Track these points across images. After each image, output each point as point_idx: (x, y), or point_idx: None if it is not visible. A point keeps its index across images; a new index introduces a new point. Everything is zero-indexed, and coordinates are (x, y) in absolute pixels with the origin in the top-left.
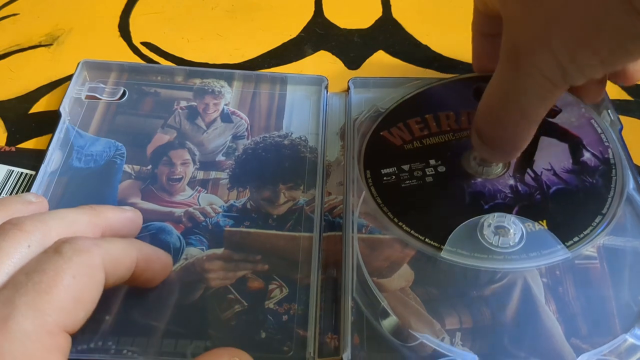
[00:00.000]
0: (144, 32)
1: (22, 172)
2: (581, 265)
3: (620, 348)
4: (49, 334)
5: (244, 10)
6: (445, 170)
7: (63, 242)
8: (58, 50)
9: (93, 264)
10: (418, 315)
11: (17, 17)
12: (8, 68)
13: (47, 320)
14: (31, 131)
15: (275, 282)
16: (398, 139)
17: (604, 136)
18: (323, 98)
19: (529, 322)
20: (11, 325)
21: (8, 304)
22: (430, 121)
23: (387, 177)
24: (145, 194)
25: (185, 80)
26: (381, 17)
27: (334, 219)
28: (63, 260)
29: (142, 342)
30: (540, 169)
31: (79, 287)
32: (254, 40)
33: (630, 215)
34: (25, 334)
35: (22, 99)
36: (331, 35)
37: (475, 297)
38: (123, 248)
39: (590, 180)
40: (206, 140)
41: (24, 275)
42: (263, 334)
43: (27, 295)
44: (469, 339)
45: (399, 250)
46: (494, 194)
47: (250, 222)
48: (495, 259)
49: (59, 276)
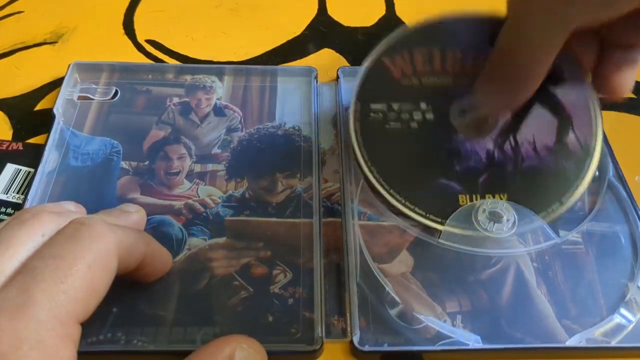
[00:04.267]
0: (148, 30)
1: (29, 171)
2: (568, 250)
3: (608, 328)
4: (62, 324)
5: (248, 8)
6: (432, 118)
7: (80, 223)
8: (63, 48)
9: (108, 252)
10: (420, 300)
11: (21, 15)
12: (13, 65)
13: (61, 310)
14: (36, 128)
15: (279, 267)
16: (398, 70)
17: (594, 122)
18: (313, 88)
19: (523, 304)
20: (27, 313)
21: (24, 291)
22: (435, 56)
23: (375, 113)
24: (144, 188)
25: (176, 77)
26: (385, 15)
27: (332, 205)
28: (79, 247)
29: (151, 331)
30: (522, 138)
31: (94, 276)
32: (258, 38)
33: (611, 202)
34: (40, 322)
35: (27, 96)
36: (335, 33)
37: (472, 281)
38: (135, 238)
39: (564, 164)
40: (201, 134)
41: (40, 260)
42: (270, 317)
43: (43, 282)
44: (469, 322)
45: (397, 236)
46: (468, 156)
47: (250, 211)
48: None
49: (75, 264)
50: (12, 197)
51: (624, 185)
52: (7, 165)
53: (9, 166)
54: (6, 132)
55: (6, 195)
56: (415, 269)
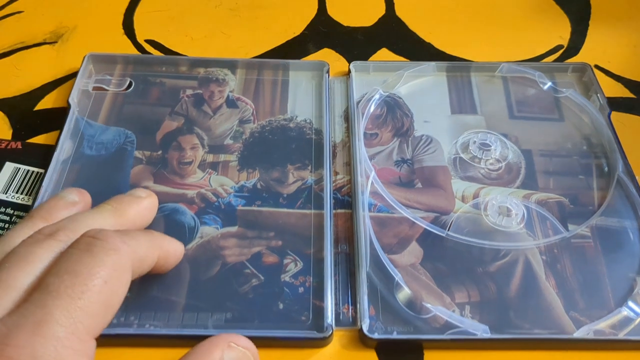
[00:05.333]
0: (148, 29)
1: (28, 169)
2: (577, 244)
3: (616, 320)
4: (80, 341)
5: (248, 8)
6: None
7: (93, 237)
8: (62, 48)
9: (123, 266)
10: (429, 290)
11: (21, 15)
12: (13, 65)
13: (78, 327)
14: (36, 128)
15: (290, 256)
16: None
17: None
18: (325, 82)
19: (531, 296)
20: (45, 330)
21: (41, 308)
22: None
23: None
24: (157, 177)
25: (189, 70)
26: (384, 15)
27: (342, 197)
28: (95, 262)
29: (163, 316)
30: None
31: (109, 292)
32: (257, 38)
33: (620, 197)
34: (58, 339)
35: (27, 96)
36: (335, 33)
37: (481, 273)
38: (147, 247)
39: None
40: (213, 125)
41: (56, 276)
42: (281, 305)
43: (59, 299)
44: (477, 312)
45: (407, 227)
46: None
47: (261, 202)
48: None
49: (90, 280)
50: (11, 197)
51: (634, 181)
52: (6, 164)
53: (7, 165)
54: (6, 132)
55: (5, 195)
56: (424, 260)
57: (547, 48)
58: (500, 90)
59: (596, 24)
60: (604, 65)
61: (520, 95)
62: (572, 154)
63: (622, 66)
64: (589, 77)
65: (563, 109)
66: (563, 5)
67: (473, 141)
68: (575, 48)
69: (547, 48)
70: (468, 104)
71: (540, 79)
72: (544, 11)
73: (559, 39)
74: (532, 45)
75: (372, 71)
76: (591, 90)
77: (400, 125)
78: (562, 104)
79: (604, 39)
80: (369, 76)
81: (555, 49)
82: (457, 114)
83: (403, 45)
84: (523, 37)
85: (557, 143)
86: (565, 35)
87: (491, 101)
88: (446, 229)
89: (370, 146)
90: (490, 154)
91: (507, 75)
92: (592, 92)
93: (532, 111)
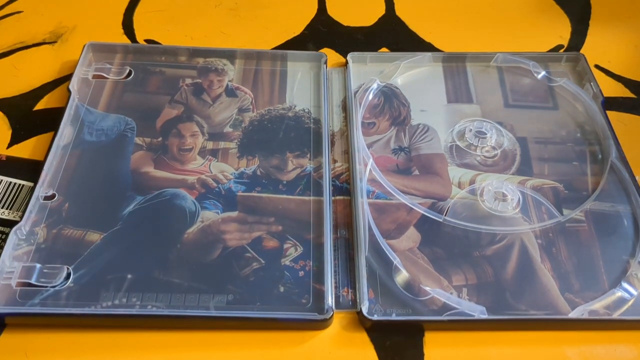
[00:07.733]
0: (147, 29)
1: (10, 181)
2: (571, 228)
3: (610, 301)
4: None
5: (248, 8)
6: None
7: None
8: (62, 48)
9: None
10: (427, 273)
11: (21, 15)
12: (12, 65)
13: None
14: (35, 128)
15: (290, 241)
16: None
17: None
18: (323, 73)
19: (527, 278)
20: None
21: None
22: None
23: None
24: (158, 163)
25: (188, 60)
26: (384, 15)
27: (341, 184)
28: None
29: (165, 297)
30: None
31: None
32: (258, 38)
33: (613, 183)
34: None
35: (27, 96)
36: (335, 33)
37: (478, 256)
38: None
39: None
40: (213, 114)
41: None
42: (281, 288)
43: None
44: (474, 294)
45: (405, 213)
46: None
47: (261, 188)
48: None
49: None
50: None
51: (627, 167)
52: None
53: None
54: (5, 131)
55: None
56: (422, 245)
57: (547, 48)
58: (495, 79)
59: (596, 24)
60: (604, 65)
61: (515, 84)
62: (566, 141)
63: (622, 66)
64: (582, 66)
65: (557, 98)
66: (563, 5)
67: (469, 129)
68: (576, 48)
69: (547, 48)
70: (464, 93)
71: (534, 68)
72: (544, 11)
73: (559, 38)
74: (532, 45)
75: (369, 62)
76: (585, 79)
77: (397, 114)
78: (556, 92)
79: (604, 38)
80: (366, 67)
81: (555, 48)
82: (453, 103)
83: (403, 44)
84: (523, 37)
85: (552, 130)
86: (566, 35)
87: (487, 90)
88: (443, 214)
89: (368, 135)
90: (486, 142)
91: (502, 65)
92: (585, 80)
93: (526, 100)
